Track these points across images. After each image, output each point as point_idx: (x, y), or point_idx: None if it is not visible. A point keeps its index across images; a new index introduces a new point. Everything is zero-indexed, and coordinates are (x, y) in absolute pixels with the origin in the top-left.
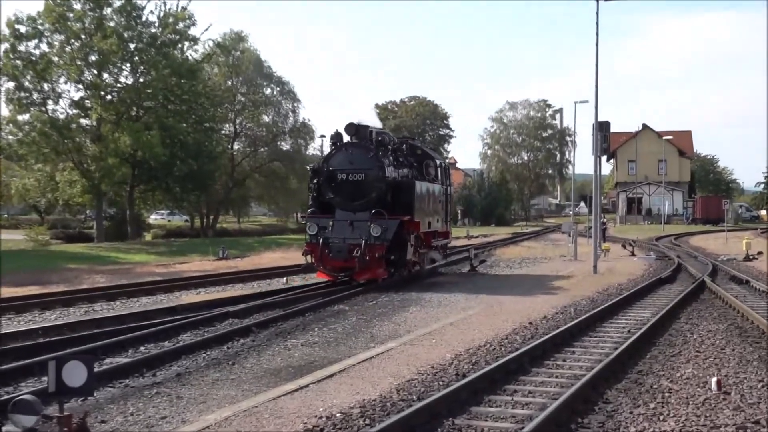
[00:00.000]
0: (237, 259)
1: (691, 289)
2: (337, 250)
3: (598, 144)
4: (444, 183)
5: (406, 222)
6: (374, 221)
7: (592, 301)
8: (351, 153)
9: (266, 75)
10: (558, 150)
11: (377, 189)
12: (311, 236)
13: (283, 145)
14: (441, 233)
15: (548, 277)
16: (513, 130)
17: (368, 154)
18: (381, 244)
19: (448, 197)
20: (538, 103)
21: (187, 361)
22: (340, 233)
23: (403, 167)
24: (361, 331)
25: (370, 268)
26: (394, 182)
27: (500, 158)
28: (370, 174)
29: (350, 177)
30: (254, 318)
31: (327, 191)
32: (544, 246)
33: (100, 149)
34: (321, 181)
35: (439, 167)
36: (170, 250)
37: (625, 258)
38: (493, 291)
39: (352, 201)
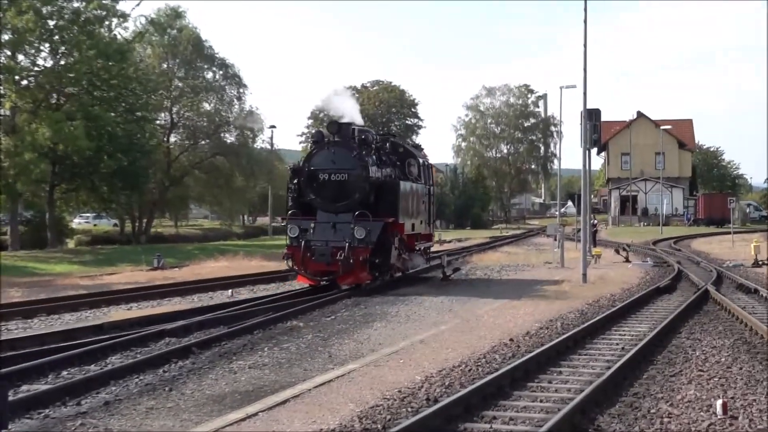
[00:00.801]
0: (174, 268)
1: (693, 299)
2: (320, 254)
3: (588, 134)
4: (427, 182)
5: (390, 224)
6: (358, 223)
7: (581, 313)
8: (333, 152)
9: (207, 57)
10: (542, 142)
11: (361, 189)
12: (292, 239)
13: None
14: (424, 236)
15: (531, 287)
16: (491, 119)
17: (351, 153)
18: (365, 247)
19: (431, 197)
20: (519, 88)
21: (117, 388)
22: (322, 236)
23: (386, 166)
24: (318, 351)
25: (353, 272)
26: (377, 182)
27: (476, 151)
28: (353, 174)
29: (333, 177)
30: (194, 337)
31: (308, 192)
32: (526, 252)
33: (15, 143)
34: (302, 181)
35: (422, 166)
36: (97, 258)
37: (619, 264)
38: (468, 303)
39: (335, 202)
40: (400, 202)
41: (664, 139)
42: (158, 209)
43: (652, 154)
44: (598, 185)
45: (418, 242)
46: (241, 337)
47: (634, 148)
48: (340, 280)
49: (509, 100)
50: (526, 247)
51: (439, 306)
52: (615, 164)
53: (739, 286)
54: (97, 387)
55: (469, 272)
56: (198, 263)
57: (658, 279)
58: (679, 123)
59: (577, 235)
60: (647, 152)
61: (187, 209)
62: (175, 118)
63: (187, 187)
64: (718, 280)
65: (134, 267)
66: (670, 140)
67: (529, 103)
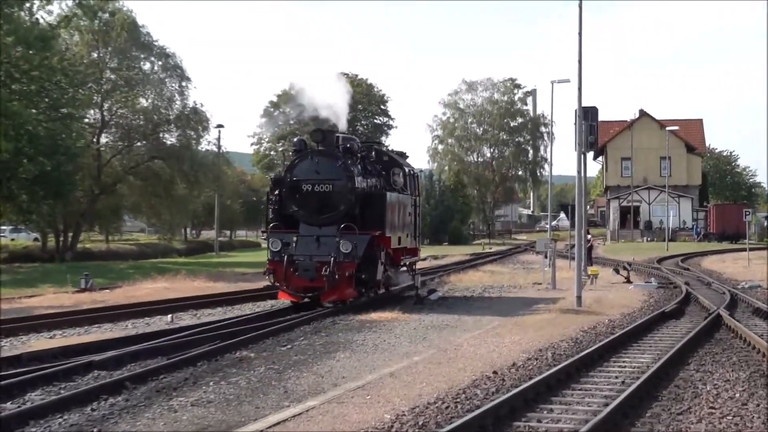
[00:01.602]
0: (105, 290)
1: (703, 326)
2: (304, 269)
3: (583, 136)
4: (413, 193)
5: (377, 237)
6: (344, 236)
7: (575, 342)
8: (317, 162)
9: (144, 45)
10: (531, 144)
11: (346, 201)
12: (274, 253)
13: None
14: (410, 250)
15: (518, 312)
16: (471, 119)
17: (336, 163)
18: (351, 261)
19: (417, 209)
20: (504, 82)
21: (38, 429)
22: (306, 250)
23: (371, 176)
24: (272, 386)
25: (338, 288)
26: (363, 193)
27: (455, 155)
28: (338, 185)
29: (316, 188)
30: (128, 369)
31: (290, 204)
32: (512, 271)
33: None
34: (283, 193)
35: (408, 175)
36: (15, 278)
37: (618, 286)
38: (446, 330)
39: (319, 214)
40: (387, 215)
41: (671, 141)
42: (86, 221)
43: (657, 159)
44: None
45: (403, 257)
46: (183, 369)
47: (635, 152)
48: (325, 297)
49: (493, 97)
50: (512, 266)
51: (412, 333)
52: (614, 170)
53: (756, 311)
54: (14, 428)
55: (446, 294)
56: (133, 284)
57: (664, 302)
58: (688, 123)
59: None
60: (651, 157)
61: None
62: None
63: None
64: (731, 303)
65: (58, 288)
66: (678, 143)
67: (515, 100)
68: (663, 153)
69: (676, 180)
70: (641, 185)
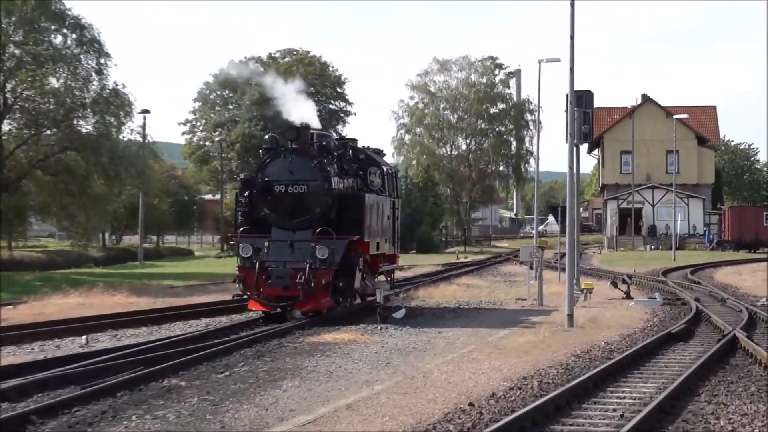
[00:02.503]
0: (7, 306)
1: (716, 349)
2: (277, 276)
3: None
4: (391, 195)
5: (355, 243)
6: (320, 242)
7: (565, 369)
8: (291, 161)
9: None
10: (514, 135)
11: (322, 204)
12: (245, 259)
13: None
14: (388, 257)
15: (498, 333)
16: (444, 104)
17: (311, 163)
18: (328, 268)
19: (396, 212)
20: (482, 62)
21: None
22: (278, 256)
23: (347, 177)
24: (207, 420)
25: (314, 297)
26: (340, 195)
27: (424, 147)
28: (313, 186)
29: (290, 189)
30: (34, 401)
31: (261, 206)
32: (491, 284)
33: None
34: (254, 194)
35: (386, 175)
36: None
37: (617, 302)
38: (413, 354)
39: (292, 218)
40: (366, 218)
41: (679, 132)
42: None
43: (663, 153)
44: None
45: (381, 264)
46: (100, 401)
47: (637, 145)
48: (300, 306)
49: (470, 78)
50: (492, 278)
51: (373, 358)
52: (612, 166)
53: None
54: None
55: (414, 312)
56: (40, 299)
57: (670, 322)
58: (699, 111)
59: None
60: (655, 150)
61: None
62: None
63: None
64: (750, 323)
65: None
66: (687, 134)
67: (496, 83)
68: (670, 146)
69: (685, 178)
70: (644, 184)
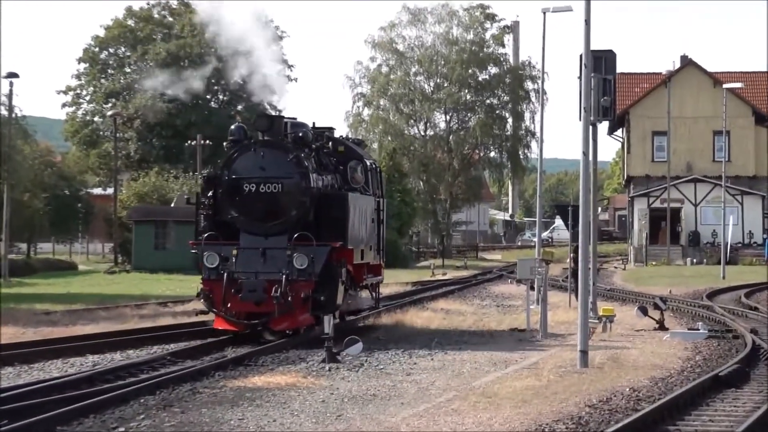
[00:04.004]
0: None
1: None
2: (248, 289)
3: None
4: (376, 193)
5: (337, 250)
6: (297, 249)
7: (577, 424)
8: (262, 155)
9: None
10: (510, 110)
11: (299, 205)
12: (210, 270)
13: None
14: (372, 267)
15: (487, 375)
16: (417, 67)
17: (287, 157)
18: (307, 280)
19: (381, 213)
20: (468, 11)
21: None
22: (249, 266)
23: (327, 173)
24: None
25: (291, 313)
26: (319, 194)
27: (389, 125)
28: (288, 184)
29: (262, 188)
30: None
31: (228, 208)
32: (478, 310)
33: None
34: (219, 194)
35: (369, 170)
36: None
37: (647, 334)
38: (373, 403)
39: (264, 221)
40: (349, 222)
41: (730, 106)
42: None
43: (709, 134)
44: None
45: (365, 276)
46: None
47: (675, 124)
48: (275, 325)
49: (451, 33)
50: (479, 302)
51: (320, 409)
52: (641, 152)
53: None
54: None
55: (375, 346)
56: None
57: (717, 361)
58: (758, 78)
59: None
60: (699, 131)
61: None
62: None
63: None
64: None
65: None
66: (741, 109)
67: (487, 39)
68: (719, 125)
69: (739, 168)
70: (683, 176)
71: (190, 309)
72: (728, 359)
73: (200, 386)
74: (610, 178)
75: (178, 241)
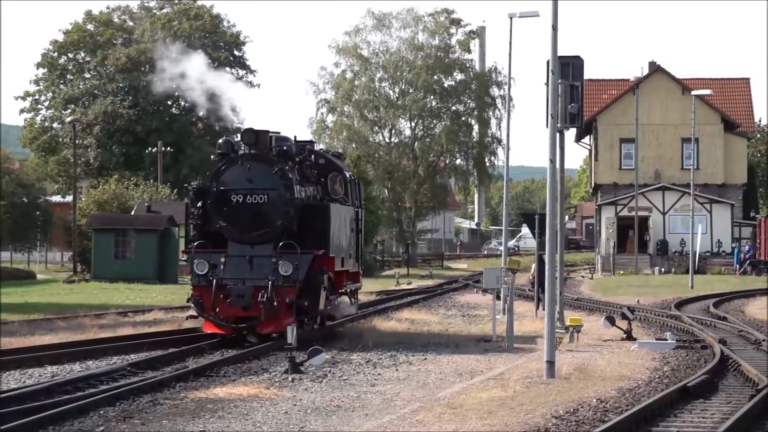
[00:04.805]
0: None
1: (747, 409)
2: (237, 295)
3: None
4: (354, 204)
5: (319, 258)
6: (283, 257)
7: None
8: (249, 168)
9: None
10: (476, 116)
11: (283, 214)
12: (200, 277)
13: None
14: (351, 274)
15: (452, 386)
16: (382, 73)
17: (272, 170)
18: (292, 286)
19: (359, 223)
20: (434, 16)
21: None
22: (237, 273)
23: (309, 184)
24: None
25: (277, 317)
26: (302, 205)
27: (353, 132)
28: (274, 195)
29: (248, 199)
30: None
31: (216, 218)
32: (444, 319)
33: None
34: (208, 205)
35: (348, 182)
36: None
37: (614, 344)
38: (336, 415)
39: (251, 230)
40: (331, 231)
41: (700, 113)
42: None
43: (677, 142)
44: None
45: (345, 283)
46: None
47: (643, 131)
48: (261, 328)
49: (416, 39)
50: (445, 312)
51: (282, 421)
52: (608, 160)
53: None
54: None
55: (339, 357)
56: None
57: (686, 372)
58: (727, 85)
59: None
60: (668, 138)
61: None
62: None
63: None
64: None
65: None
66: (710, 116)
67: (452, 45)
68: (687, 132)
69: (708, 176)
70: (651, 184)
71: (150, 319)
72: (696, 370)
73: (161, 397)
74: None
75: (138, 250)
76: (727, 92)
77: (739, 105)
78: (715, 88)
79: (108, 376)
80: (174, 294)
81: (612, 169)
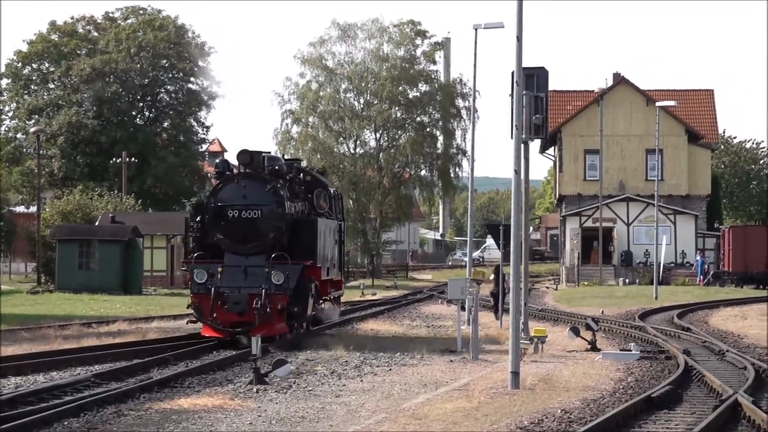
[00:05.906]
0: None
1: (711, 420)
2: (233, 302)
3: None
4: (338, 217)
5: (308, 268)
6: (275, 267)
7: None
8: (244, 186)
9: None
10: (441, 127)
11: (275, 228)
12: (200, 285)
13: None
14: (335, 282)
15: (417, 396)
16: (347, 84)
17: (265, 187)
18: (283, 293)
19: (342, 235)
20: (399, 27)
21: None
22: (233, 281)
23: (298, 200)
24: None
25: (269, 322)
26: (292, 219)
27: (318, 143)
28: (267, 210)
29: (243, 214)
30: None
31: (214, 231)
32: (409, 330)
33: None
34: (206, 220)
35: (332, 198)
36: None
37: (579, 355)
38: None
39: (245, 243)
40: (318, 243)
41: (664, 125)
42: None
43: (641, 153)
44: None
45: (330, 290)
46: None
47: (607, 142)
48: (254, 333)
49: (381, 50)
50: (409, 323)
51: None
52: (573, 171)
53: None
54: None
55: (303, 368)
56: None
57: (650, 382)
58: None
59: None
60: (632, 149)
61: None
62: None
63: None
64: (757, 383)
65: None
66: (674, 127)
67: (417, 56)
68: (651, 143)
69: (672, 187)
70: (616, 195)
71: (114, 330)
72: (661, 380)
73: (125, 408)
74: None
75: (102, 261)
76: (691, 104)
77: (703, 116)
78: (679, 100)
79: (72, 387)
80: (138, 305)
81: (576, 180)
